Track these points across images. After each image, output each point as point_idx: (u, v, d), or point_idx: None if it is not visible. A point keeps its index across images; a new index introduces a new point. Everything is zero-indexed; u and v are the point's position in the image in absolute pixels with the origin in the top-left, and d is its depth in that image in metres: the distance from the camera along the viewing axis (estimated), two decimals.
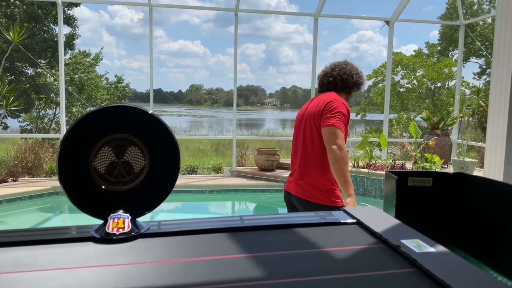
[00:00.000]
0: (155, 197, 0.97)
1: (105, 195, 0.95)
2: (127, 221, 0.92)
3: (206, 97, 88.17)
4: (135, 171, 0.97)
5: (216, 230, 0.94)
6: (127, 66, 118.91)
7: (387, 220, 0.98)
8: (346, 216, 1.03)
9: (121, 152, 0.97)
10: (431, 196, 1.22)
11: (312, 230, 0.95)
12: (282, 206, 7.78)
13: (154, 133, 0.98)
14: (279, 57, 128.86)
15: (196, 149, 16.03)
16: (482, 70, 19.85)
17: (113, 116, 0.97)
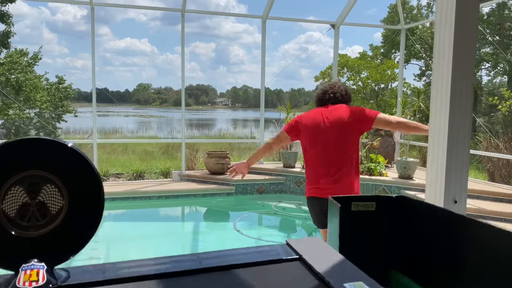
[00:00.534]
0: (76, 241, 0.87)
1: (16, 242, 0.83)
2: (42, 272, 0.81)
3: (155, 96, 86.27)
4: (52, 213, 0.86)
5: (145, 277, 0.85)
6: (70, 65, 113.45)
7: (331, 256, 0.93)
8: (289, 251, 0.97)
9: (34, 191, 0.85)
10: (375, 220, 1.20)
11: (252, 271, 0.88)
12: (233, 210, 7.70)
13: (73, 168, 0.88)
14: (229, 57, 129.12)
15: (144, 152, 15.58)
16: (421, 72, 20.91)
17: (25, 150, 0.86)
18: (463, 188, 1.61)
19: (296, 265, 0.91)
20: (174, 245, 6.17)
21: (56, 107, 16.72)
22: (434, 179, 1.66)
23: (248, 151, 16.16)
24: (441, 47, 2.19)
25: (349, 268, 0.86)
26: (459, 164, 1.64)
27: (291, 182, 8.37)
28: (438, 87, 1.90)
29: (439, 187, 1.61)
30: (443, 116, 1.76)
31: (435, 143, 1.82)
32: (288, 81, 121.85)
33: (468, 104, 1.75)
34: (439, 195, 1.63)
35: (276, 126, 10.56)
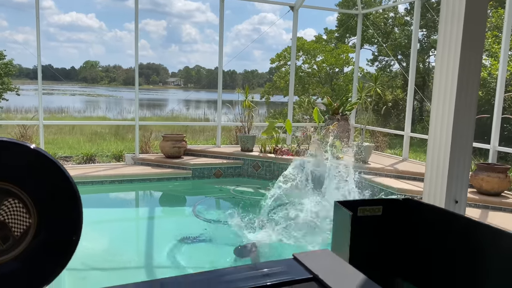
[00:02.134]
0: (47, 269, 0.69)
1: None
2: None
3: (103, 74, 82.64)
4: (16, 235, 0.68)
5: None
6: (10, 38, 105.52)
7: (350, 275, 0.82)
8: (300, 268, 0.85)
9: None
10: (382, 226, 1.10)
11: None
12: (190, 194, 7.52)
13: (41, 177, 0.70)
14: (181, 35, 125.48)
15: (93, 133, 14.87)
16: (374, 57, 21.37)
17: None
18: (464, 188, 1.58)
19: (313, 287, 0.79)
20: (132, 232, 5.93)
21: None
22: (435, 178, 1.62)
23: (202, 134, 15.89)
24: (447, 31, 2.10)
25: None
26: (461, 164, 1.60)
27: (249, 166, 8.29)
28: (443, 73, 1.84)
29: (440, 187, 1.56)
30: (446, 115, 1.71)
31: (437, 140, 1.77)
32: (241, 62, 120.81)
33: (473, 100, 1.71)
34: (439, 195, 1.59)
35: (232, 109, 10.40)
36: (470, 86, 2.07)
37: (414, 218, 1.08)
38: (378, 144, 10.80)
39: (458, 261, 1.01)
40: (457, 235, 0.99)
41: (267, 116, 18.02)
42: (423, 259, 1.10)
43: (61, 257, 0.71)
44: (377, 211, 1.08)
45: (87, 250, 4.35)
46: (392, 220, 1.10)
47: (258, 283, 0.78)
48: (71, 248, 0.71)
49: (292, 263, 0.88)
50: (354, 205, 1.05)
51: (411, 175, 7.17)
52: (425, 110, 20.82)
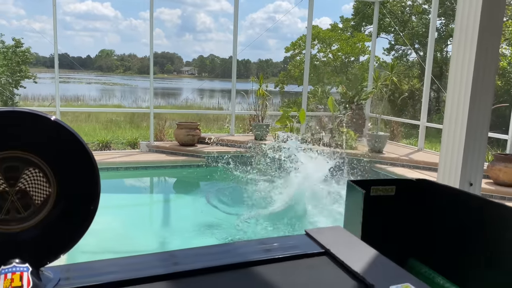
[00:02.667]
0: (66, 237, 0.72)
1: None
2: (26, 276, 0.66)
3: (118, 63, 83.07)
4: (36, 203, 0.70)
5: (158, 277, 0.72)
6: (27, 27, 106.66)
7: (363, 250, 0.82)
8: (312, 243, 0.86)
9: (14, 177, 0.69)
10: (394, 206, 1.10)
11: (276, 269, 0.76)
12: (204, 181, 7.56)
13: (61, 148, 0.71)
14: (195, 24, 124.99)
15: (108, 121, 15.04)
16: (391, 45, 21.01)
17: (2, 125, 0.69)
18: (479, 171, 1.57)
19: (325, 261, 0.80)
20: (145, 217, 6.02)
21: (14, 72, 15.74)
22: (449, 161, 1.60)
23: (216, 122, 15.93)
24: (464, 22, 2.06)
25: (389, 267, 0.76)
26: (477, 146, 1.59)
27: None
28: (459, 61, 1.81)
29: (455, 169, 1.55)
30: (462, 101, 1.68)
31: (453, 123, 1.75)
32: (255, 51, 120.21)
33: (490, 86, 1.69)
34: (454, 177, 1.57)
35: (246, 97, 10.39)
36: (487, 73, 2.03)
37: (427, 199, 1.08)
38: (393, 134, 10.70)
39: (472, 241, 1.01)
40: (472, 215, 0.99)
41: (281, 106, 17.94)
42: (436, 239, 1.10)
43: (80, 226, 0.73)
44: (390, 191, 1.08)
45: (101, 234, 4.43)
46: (405, 200, 1.10)
47: (270, 256, 0.80)
48: (89, 217, 0.73)
49: (304, 238, 0.89)
50: (367, 184, 1.06)
51: (426, 165, 7.10)
52: (441, 100, 20.46)
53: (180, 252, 0.82)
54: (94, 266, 0.75)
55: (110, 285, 0.70)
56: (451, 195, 1.04)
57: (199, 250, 0.82)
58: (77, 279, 0.71)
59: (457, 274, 1.03)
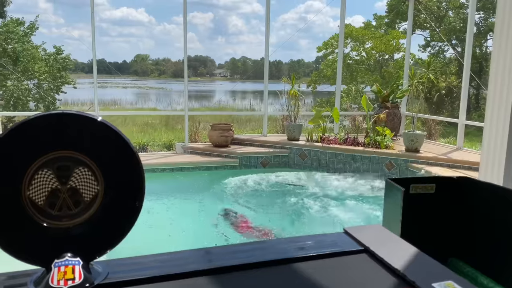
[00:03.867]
0: (113, 232, 0.75)
1: (46, 234, 0.72)
2: (77, 269, 0.70)
3: (153, 67, 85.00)
4: (86, 200, 0.74)
5: (200, 272, 0.74)
6: (66, 35, 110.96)
7: (402, 248, 0.82)
8: (350, 241, 0.86)
9: (65, 176, 0.73)
10: (434, 204, 1.08)
11: (314, 266, 0.77)
12: (237, 184, 7.59)
13: (107, 148, 0.75)
14: (227, 27, 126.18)
15: (144, 124, 15.43)
16: (426, 42, 20.46)
17: (52, 127, 0.73)
18: None
19: (364, 259, 0.79)
20: (180, 216, 6.12)
21: (55, 78, 16.42)
22: (492, 158, 1.55)
23: (248, 123, 16.02)
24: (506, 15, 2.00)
25: (430, 264, 0.75)
26: None
27: (296, 155, 8.27)
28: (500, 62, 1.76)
29: (498, 166, 1.50)
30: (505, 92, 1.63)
31: (495, 119, 1.70)
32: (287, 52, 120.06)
33: None
34: (497, 174, 1.52)
35: (279, 98, 10.40)
36: None
37: (469, 197, 1.05)
38: (430, 132, 10.42)
39: None
40: None
41: (314, 105, 17.83)
42: (478, 238, 1.07)
43: (125, 222, 0.76)
44: (429, 189, 1.06)
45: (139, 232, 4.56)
46: (445, 198, 1.08)
47: (308, 253, 0.80)
48: (134, 214, 0.76)
49: (342, 236, 0.89)
50: (406, 182, 1.04)
51: (465, 165, 6.87)
52: (481, 97, 19.73)
53: (218, 249, 0.84)
54: (140, 261, 0.78)
55: (155, 279, 0.73)
56: (494, 192, 1.02)
57: (236, 247, 0.84)
58: (124, 273, 0.74)
59: (502, 275, 1.00)
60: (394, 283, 0.70)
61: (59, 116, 0.74)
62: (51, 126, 0.73)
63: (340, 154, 7.86)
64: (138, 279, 0.72)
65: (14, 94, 14.79)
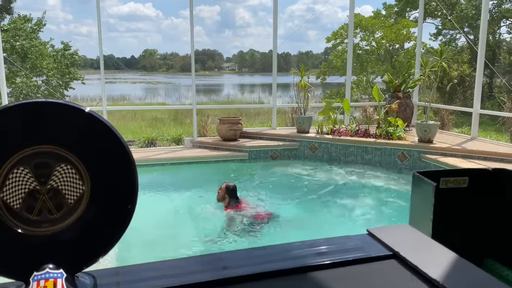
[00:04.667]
0: (102, 239, 0.65)
1: (23, 242, 0.62)
2: (60, 282, 0.60)
3: (161, 62, 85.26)
4: (69, 203, 0.64)
5: (203, 284, 0.64)
6: (75, 31, 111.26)
7: (436, 252, 0.70)
8: (376, 244, 0.75)
9: (44, 174, 0.63)
10: (467, 199, 0.96)
11: (336, 276, 0.66)
12: (247, 175, 7.53)
13: (95, 143, 0.65)
14: (234, 20, 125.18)
15: (153, 119, 15.41)
16: (438, 31, 20.07)
17: (30, 118, 0.63)
18: None
19: (393, 266, 0.68)
20: (191, 209, 6.05)
21: (63, 74, 16.44)
22: None
23: (257, 117, 15.91)
24: None
25: (470, 270, 0.64)
26: None
27: (305, 147, 8.14)
28: None
29: None
30: None
31: None
32: (295, 44, 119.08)
33: None
34: None
35: (288, 91, 10.25)
36: None
37: (507, 190, 0.93)
38: (443, 122, 10.21)
39: None
40: None
41: (324, 97, 17.62)
42: None
43: (116, 227, 0.66)
44: (462, 182, 0.94)
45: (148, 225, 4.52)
46: (480, 192, 0.96)
47: (331, 259, 0.70)
48: (126, 218, 0.66)
49: (367, 238, 0.78)
50: (435, 176, 0.93)
51: (481, 155, 6.68)
52: (494, 86, 19.34)
53: (229, 255, 0.73)
54: (134, 270, 0.68)
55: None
56: None
57: (249, 252, 0.74)
58: (116, 286, 0.64)
59: None
60: None
61: (37, 105, 0.64)
62: (27, 117, 0.62)
63: (351, 146, 7.71)
64: None
65: (23, 91, 14.85)
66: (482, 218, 0.97)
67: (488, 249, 0.97)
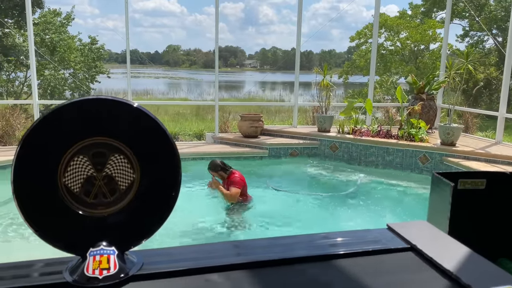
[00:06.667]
0: (149, 222, 0.73)
1: (81, 222, 0.71)
2: (113, 258, 0.68)
3: (184, 58, 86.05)
4: (121, 189, 0.72)
5: (237, 266, 0.71)
6: (101, 25, 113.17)
7: (452, 247, 0.76)
8: (394, 237, 0.81)
9: (101, 163, 0.71)
10: (484, 200, 1.01)
11: (356, 263, 0.72)
12: (267, 173, 7.60)
13: (144, 135, 0.73)
14: (258, 17, 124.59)
15: (176, 114, 15.64)
16: (465, 32, 19.67)
17: (88, 113, 0.71)
18: None
19: (411, 258, 0.74)
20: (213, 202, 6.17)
21: (90, 67, 16.82)
22: None
23: (278, 114, 15.95)
24: None
25: (485, 266, 0.69)
26: None
27: (326, 146, 8.16)
28: None
29: None
30: None
31: None
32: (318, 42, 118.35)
33: None
34: None
35: (310, 89, 10.25)
36: None
37: None
38: (467, 126, 10.05)
39: None
40: None
41: (345, 97, 17.53)
42: None
43: (161, 212, 0.74)
44: (479, 184, 0.99)
45: None
46: (497, 195, 1.00)
47: (350, 249, 0.76)
48: (170, 204, 0.74)
49: (386, 232, 0.84)
50: (454, 177, 0.98)
51: (505, 159, 6.58)
52: None
53: (255, 242, 0.81)
54: (174, 252, 0.76)
55: (189, 271, 0.71)
56: None
57: (274, 241, 0.81)
58: (159, 265, 0.72)
59: None
60: (447, 286, 0.65)
61: (94, 101, 0.72)
62: (86, 112, 0.71)
63: (373, 147, 7.69)
64: (173, 271, 0.70)
65: (51, 83, 15.26)
66: (498, 219, 1.01)
67: (502, 249, 1.02)
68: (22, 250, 4.06)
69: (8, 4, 13.89)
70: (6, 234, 4.54)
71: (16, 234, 4.54)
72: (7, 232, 4.59)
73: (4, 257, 3.87)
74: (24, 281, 0.67)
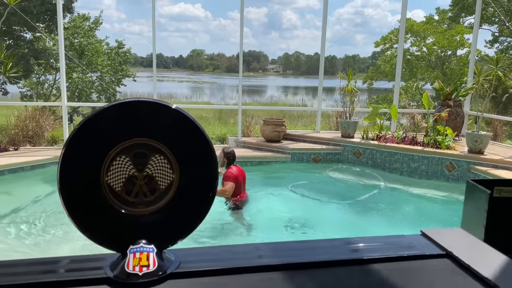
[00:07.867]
0: (187, 221, 0.75)
1: (123, 220, 0.73)
2: (152, 256, 0.70)
3: (208, 62, 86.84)
4: (161, 188, 0.74)
5: (272, 267, 0.72)
6: (127, 30, 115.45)
7: (489, 255, 0.75)
8: (429, 244, 0.81)
9: (142, 163, 0.73)
10: None
11: (391, 268, 0.72)
12: (290, 178, 7.59)
13: (182, 136, 0.75)
14: (281, 22, 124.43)
15: (199, 117, 15.78)
16: (494, 37, 19.18)
17: (130, 114, 0.74)
18: None
19: (446, 264, 0.74)
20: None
21: (116, 71, 17.19)
22: None
23: (300, 119, 15.90)
24: None
25: None
26: None
27: (349, 152, 8.09)
28: None
29: None
30: None
31: None
32: (342, 47, 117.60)
33: None
34: None
35: (333, 94, 10.19)
36: None
37: None
38: (496, 133, 9.79)
39: None
40: None
41: (370, 102, 17.33)
42: None
43: (198, 212, 0.76)
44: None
45: None
46: None
47: (384, 254, 0.76)
48: (207, 204, 0.76)
49: (420, 238, 0.84)
50: (490, 184, 0.96)
51: None
52: None
53: (292, 244, 0.82)
54: (211, 251, 0.78)
55: (226, 271, 0.72)
56: None
57: (310, 244, 0.81)
58: (195, 263, 0.74)
59: None
60: None
61: (135, 103, 0.75)
62: (128, 114, 0.73)
63: (397, 154, 7.58)
64: (210, 270, 0.71)
65: (79, 86, 15.65)
66: None
67: None
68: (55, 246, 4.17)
69: (40, 9, 14.34)
70: (44, 230, 4.66)
71: (51, 230, 4.65)
72: (45, 228, 4.71)
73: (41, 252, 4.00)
74: (67, 275, 0.70)
